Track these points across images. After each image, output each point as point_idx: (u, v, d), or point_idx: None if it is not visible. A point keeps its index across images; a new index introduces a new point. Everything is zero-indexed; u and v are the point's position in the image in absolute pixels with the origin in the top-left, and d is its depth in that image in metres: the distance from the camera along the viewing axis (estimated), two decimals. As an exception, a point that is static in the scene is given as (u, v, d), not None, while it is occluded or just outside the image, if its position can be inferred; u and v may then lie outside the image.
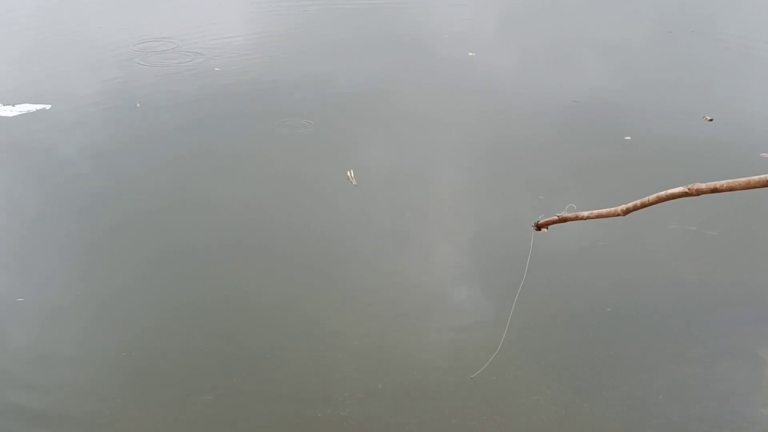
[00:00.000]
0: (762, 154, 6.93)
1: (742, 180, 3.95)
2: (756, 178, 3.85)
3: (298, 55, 9.46)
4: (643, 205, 4.22)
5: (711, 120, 7.47)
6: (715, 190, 4.01)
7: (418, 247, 5.89)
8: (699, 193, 4.00)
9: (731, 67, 8.84)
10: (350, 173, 6.61)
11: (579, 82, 8.42)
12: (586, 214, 4.51)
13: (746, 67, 8.80)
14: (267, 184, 6.74)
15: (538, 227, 4.60)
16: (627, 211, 4.32)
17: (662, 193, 4.13)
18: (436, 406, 4.44)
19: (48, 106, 8.12)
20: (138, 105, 8.11)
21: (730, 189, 3.98)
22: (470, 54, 9.08)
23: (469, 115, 7.86)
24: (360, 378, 4.59)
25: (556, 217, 4.52)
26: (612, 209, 4.38)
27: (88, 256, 5.84)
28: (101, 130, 7.70)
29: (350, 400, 4.45)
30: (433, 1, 10.91)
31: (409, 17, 10.42)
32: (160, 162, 7.06)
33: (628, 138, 7.26)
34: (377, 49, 9.48)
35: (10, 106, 8.05)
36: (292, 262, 5.71)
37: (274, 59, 9.35)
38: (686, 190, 4.00)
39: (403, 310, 5.21)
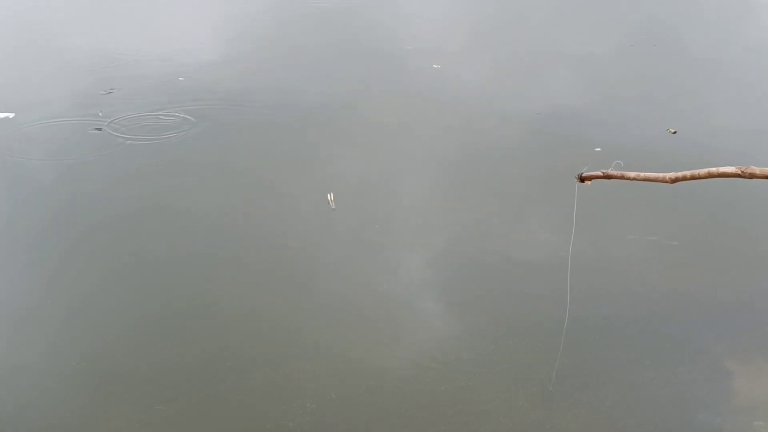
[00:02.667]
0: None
1: None
2: None
3: (264, 65, 9.33)
4: (693, 177, 4.11)
5: (675, 132, 7.46)
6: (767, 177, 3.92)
7: (385, 258, 5.86)
8: (752, 176, 3.91)
9: (693, 80, 8.92)
10: (330, 196, 6.53)
11: (545, 94, 8.51)
12: (632, 174, 4.36)
13: (708, 80, 8.88)
14: (235, 194, 6.75)
15: (582, 179, 4.42)
16: (675, 180, 4.19)
17: (713, 170, 4.02)
18: (393, 415, 4.43)
19: (11, 115, 8.08)
20: (100, 114, 8.01)
21: None
22: (435, 66, 9.02)
23: (433, 127, 7.91)
24: (315, 389, 4.59)
25: (600, 173, 4.36)
26: (661, 175, 4.25)
27: (52, 266, 5.81)
28: (68, 138, 7.64)
29: (302, 410, 4.44)
30: (396, 12, 10.81)
31: (371, 29, 10.36)
32: (127, 172, 7.00)
33: (599, 149, 7.19)
34: (339, 60, 9.42)
35: None
36: (258, 272, 5.75)
37: (237, 70, 9.26)
38: (739, 171, 3.90)
39: (366, 322, 5.21)
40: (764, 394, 4.69)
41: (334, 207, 6.46)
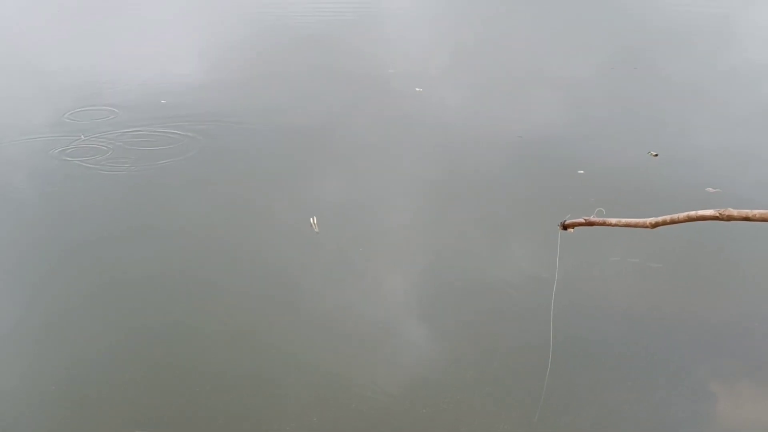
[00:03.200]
0: (707, 189, 6.97)
1: None
2: None
3: (247, 89, 9.39)
4: (672, 222, 4.11)
5: (656, 155, 7.51)
6: (746, 219, 3.93)
7: (368, 282, 5.85)
8: (729, 218, 3.93)
9: (674, 103, 9.00)
10: (313, 220, 6.51)
11: (527, 117, 8.59)
12: (614, 221, 4.37)
13: (689, 103, 8.96)
14: (217, 215, 6.74)
15: (564, 227, 4.45)
16: (655, 225, 4.19)
17: (692, 213, 4.02)
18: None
19: None
20: (82, 137, 7.98)
21: (762, 219, 3.91)
22: (417, 89, 9.07)
23: (415, 149, 7.95)
24: (296, 412, 4.58)
25: (582, 220, 4.38)
26: (641, 220, 4.24)
27: (27, 288, 5.76)
28: (48, 160, 7.63)
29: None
30: (378, 36, 10.87)
31: (354, 53, 10.41)
32: (106, 194, 7.01)
33: (581, 172, 7.23)
34: (321, 84, 9.52)
35: None
36: (239, 294, 5.69)
37: (220, 93, 9.30)
38: (717, 214, 3.91)
39: (348, 346, 5.20)
40: (745, 417, 4.70)
41: (317, 231, 6.44)
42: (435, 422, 4.55)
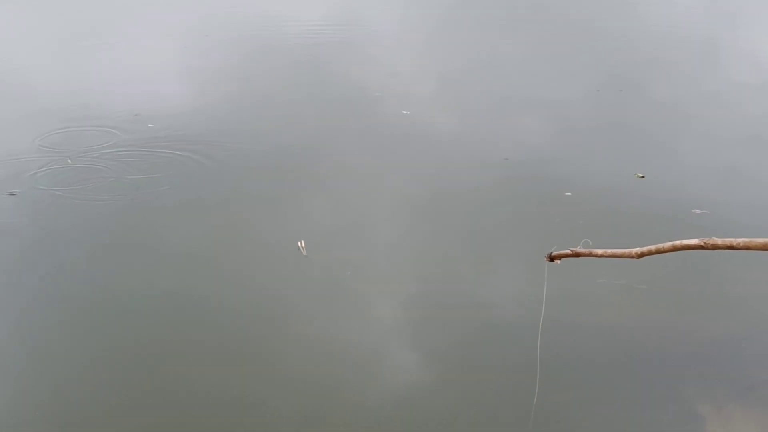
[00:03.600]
0: (694, 210, 7.00)
1: (760, 241, 3.90)
2: None
3: (235, 112, 9.45)
4: (658, 251, 4.19)
5: (643, 177, 7.55)
6: (730, 247, 3.99)
7: (357, 306, 5.82)
8: (714, 248, 3.97)
9: (659, 125, 9.07)
10: (301, 243, 6.51)
11: (513, 139, 8.66)
12: (600, 251, 4.44)
13: (674, 125, 9.04)
14: (205, 239, 6.75)
15: (551, 258, 4.48)
16: (641, 255, 4.26)
17: (677, 243, 4.12)
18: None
19: None
20: (69, 161, 7.96)
21: (746, 248, 3.95)
22: (404, 112, 9.09)
23: (403, 171, 8.01)
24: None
25: (569, 251, 4.42)
26: (627, 251, 4.34)
27: (17, 308, 5.82)
28: (35, 184, 7.60)
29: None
30: (364, 60, 10.90)
31: (341, 76, 10.45)
32: (93, 214, 7.04)
33: (569, 194, 7.26)
34: (309, 107, 9.62)
35: None
36: (224, 312, 5.74)
37: (206, 116, 9.35)
38: (702, 243, 3.96)
39: (337, 367, 5.23)
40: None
41: (305, 254, 6.43)
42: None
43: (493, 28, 11.77)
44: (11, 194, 7.32)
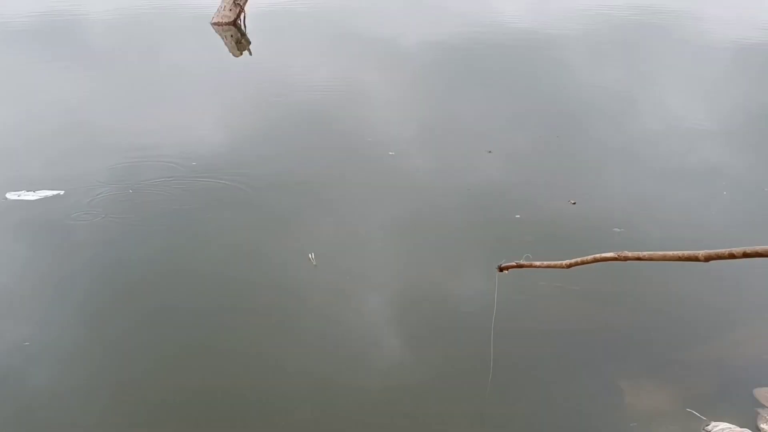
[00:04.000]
0: (614, 229, 7.13)
1: (660, 253, 3.98)
2: (670, 253, 3.90)
3: (253, 154, 9.37)
4: (583, 263, 4.21)
5: (575, 203, 7.68)
6: (638, 258, 4.06)
7: (352, 301, 5.97)
8: (626, 259, 4.04)
9: (589, 162, 9.13)
10: (311, 255, 6.61)
11: (475, 173, 8.64)
12: (538, 263, 4.50)
13: (600, 163, 9.09)
14: (239, 245, 6.92)
15: (501, 269, 4.55)
16: (570, 266, 4.29)
17: (598, 256, 4.16)
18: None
19: (62, 192, 7.93)
20: (130, 191, 8.05)
21: (650, 259, 4.04)
22: (390, 153, 9.20)
23: (388, 199, 7.96)
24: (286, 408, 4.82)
25: (515, 263, 4.48)
26: (559, 263, 4.33)
27: (90, 315, 5.89)
28: (108, 211, 7.56)
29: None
30: (358, 110, 10.97)
31: (339, 124, 10.49)
32: (152, 239, 7.07)
33: (518, 216, 7.39)
34: (311, 149, 9.50)
35: (32, 192, 7.84)
36: (257, 300, 6.02)
37: (236, 154, 9.24)
38: (616, 255, 4.04)
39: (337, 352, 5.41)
40: (642, 405, 4.81)
41: (315, 264, 6.54)
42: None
43: (462, 89, 11.92)
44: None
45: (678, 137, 9.61)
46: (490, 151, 7.51)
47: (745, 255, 3.39)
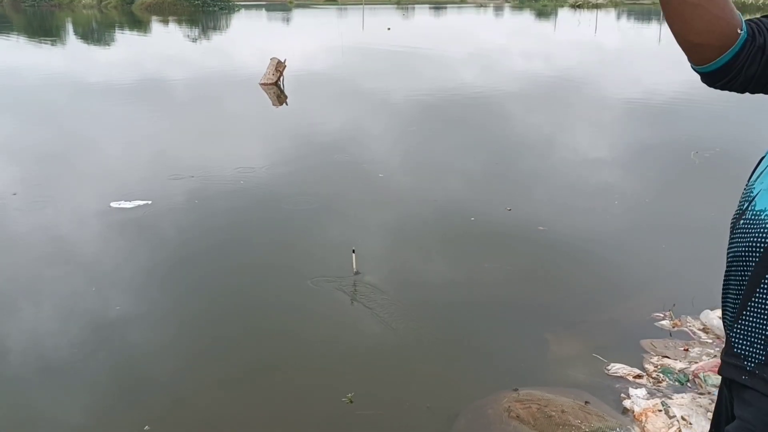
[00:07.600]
0: (539, 227, 6.97)
1: None
2: None
3: (285, 173, 9.02)
4: None
5: (510, 210, 7.54)
6: None
7: (358, 294, 5.50)
8: None
9: (521, 180, 9.00)
10: (353, 257, 5.37)
11: (442, 189, 8.44)
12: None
13: (530, 180, 8.96)
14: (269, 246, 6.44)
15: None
16: None
17: None
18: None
19: (150, 201, 7.72)
20: (196, 202, 7.81)
21: None
22: (380, 175, 9.02)
23: (380, 210, 7.52)
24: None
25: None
26: None
27: (174, 291, 5.45)
28: (181, 216, 7.25)
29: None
30: (360, 152, 10.69)
31: (343, 154, 10.17)
32: (210, 248, 6.53)
33: (473, 219, 7.24)
34: (326, 172, 9.06)
35: (128, 201, 7.69)
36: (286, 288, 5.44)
37: (272, 176, 8.83)
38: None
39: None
40: (562, 351, 4.65)
41: (355, 269, 5.40)
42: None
43: (433, 130, 11.83)
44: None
45: (585, 164, 9.66)
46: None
47: None
